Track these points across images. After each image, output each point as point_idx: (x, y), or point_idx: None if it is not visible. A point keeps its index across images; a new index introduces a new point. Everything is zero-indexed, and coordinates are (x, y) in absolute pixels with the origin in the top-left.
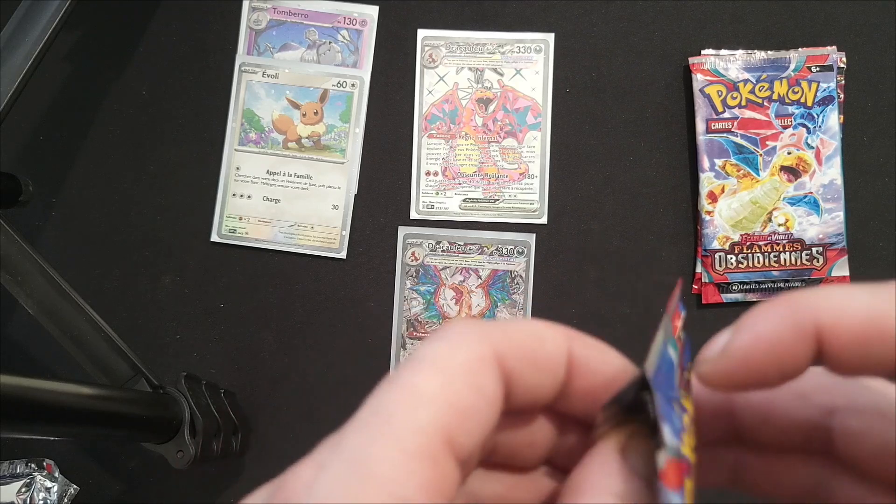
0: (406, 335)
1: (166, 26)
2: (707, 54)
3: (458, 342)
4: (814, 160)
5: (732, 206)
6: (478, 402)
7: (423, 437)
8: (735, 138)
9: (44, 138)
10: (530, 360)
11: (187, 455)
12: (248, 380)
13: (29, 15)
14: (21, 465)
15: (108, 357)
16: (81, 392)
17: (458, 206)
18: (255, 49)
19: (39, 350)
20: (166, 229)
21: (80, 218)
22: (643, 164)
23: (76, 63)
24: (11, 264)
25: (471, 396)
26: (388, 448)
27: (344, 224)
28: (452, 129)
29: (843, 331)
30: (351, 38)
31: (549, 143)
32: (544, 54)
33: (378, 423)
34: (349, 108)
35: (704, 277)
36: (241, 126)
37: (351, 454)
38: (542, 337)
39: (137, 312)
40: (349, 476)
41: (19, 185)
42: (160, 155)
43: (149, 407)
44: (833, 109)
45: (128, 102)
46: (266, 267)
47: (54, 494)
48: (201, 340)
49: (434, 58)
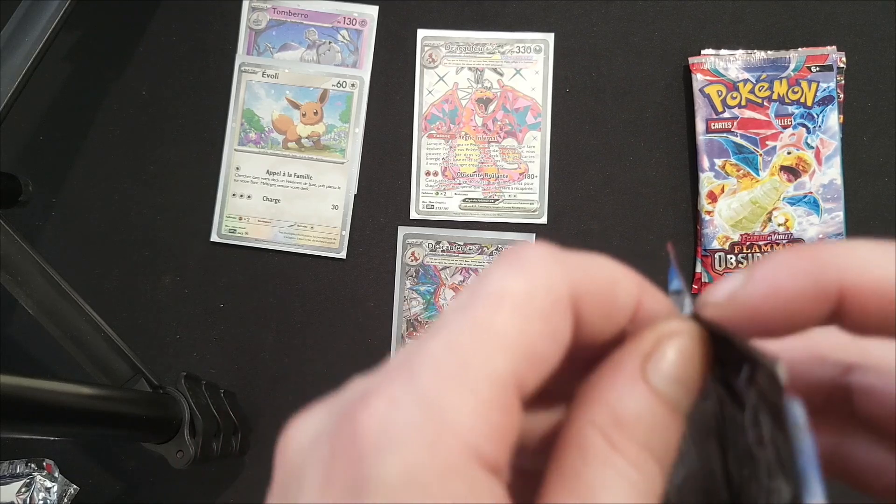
0: (406, 335)
1: (166, 26)
2: (707, 54)
3: (538, 277)
4: (813, 160)
5: (732, 205)
6: (551, 347)
7: (499, 385)
8: (735, 138)
9: (44, 138)
10: (603, 306)
11: (187, 455)
12: (248, 380)
13: (29, 15)
14: (21, 465)
15: (108, 357)
16: (81, 392)
17: (458, 206)
18: (254, 49)
19: (39, 350)
20: (166, 229)
21: (80, 218)
22: (643, 164)
23: (76, 63)
24: (11, 264)
25: (545, 341)
26: (465, 395)
27: (344, 224)
28: (452, 129)
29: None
30: (351, 38)
31: (548, 143)
32: (544, 54)
33: (454, 364)
34: (349, 108)
35: (704, 277)
36: (241, 126)
37: (425, 396)
38: (617, 281)
39: (137, 312)
40: (423, 420)
41: (19, 185)
42: (160, 155)
43: (149, 407)
44: (833, 109)
45: (128, 102)
46: (266, 267)
47: (54, 494)
48: (201, 340)
49: (434, 58)
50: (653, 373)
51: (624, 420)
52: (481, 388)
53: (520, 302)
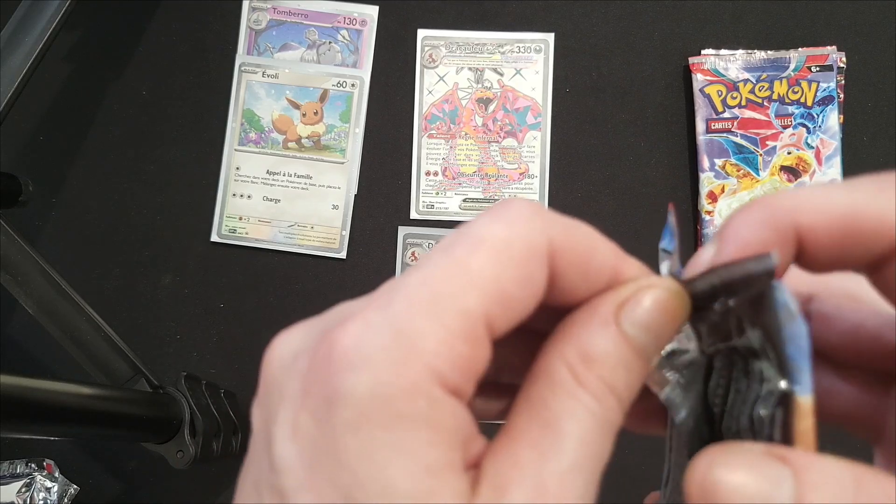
0: None
1: (166, 26)
2: (707, 54)
3: (518, 226)
4: (814, 160)
5: (732, 206)
6: (523, 292)
7: (467, 319)
8: (735, 138)
9: (44, 138)
10: (580, 265)
11: (187, 455)
12: (248, 380)
13: (29, 15)
14: (21, 465)
15: (108, 357)
16: (81, 392)
17: (458, 206)
18: (255, 49)
19: (39, 350)
20: (166, 229)
21: (80, 218)
22: (643, 164)
23: (76, 63)
24: (11, 264)
25: (518, 286)
26: (434, 324)
27: (344, 224)
28: (452, 129)
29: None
30: (351, 38)
31: (549, 143)
32: (544, 54)
33: (427, 296)
34: (349, 108)
35: None
36: (241, 126)
37: (397, 322)
38: (595, 245)
39: (137, 312)
40: (393, 344)
41: (19, 185)
42: (160, 155)
43: (149, 407)
44: (833, 109)
45: (128, 102)
46: (266, 267)
47: (54, 494)
48: (201, 340)
49: (434, 58)
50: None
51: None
52: (449, 319)
53: (497, 246)
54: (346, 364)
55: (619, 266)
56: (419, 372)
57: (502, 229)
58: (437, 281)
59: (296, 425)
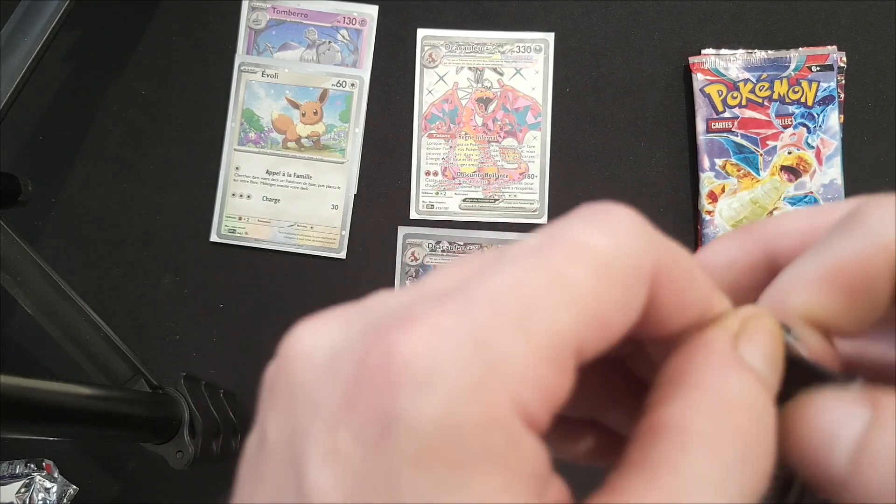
0: None
1: (166, 26)
2: (707, 54)
3: (624, 240)
4: (814, 160)
5: (733, 205)
6: (620, 318)
7: (558, 343)
8: (735, 138)
9: (44, 138)
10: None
11: (187, 455)
12: (248, 380)
13: (29, 15)
14: (21, 465)
15: (107, 357)
16: (81, 392)
17: (458, 205)
18: (254, 49)
19: (39, 350)
20: (166, 229)
21: (80, 218)
22: (643, 164)
23: (76, 63)
24: (11, 264)
25: (617, 310)
26: (522, 342)
27: (344, 224)
28: (452, 129)
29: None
30: (350, 37)
31: (549, 142)
32: (544, 54)
33: (517, 306)
34: (349, 107)
35: None
36: (241, 126)
37: (479, 334)
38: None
39: (137, 312)
40: (473, 360)
41: (19, 185)
42: (160, 155)
43: (148, 407)
44: (833, 109)
45: (127, 102)
46: (266, 267)
47: (53, 495)
48: (201, 340)
49: (434, 57)
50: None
51: (729, 402)
52: (540, 339)
53: (601, 260)
54: (409, 379)
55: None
56: (501, 400)
57: (607, 241)
58: (530, 290)
59: (334, 447)
